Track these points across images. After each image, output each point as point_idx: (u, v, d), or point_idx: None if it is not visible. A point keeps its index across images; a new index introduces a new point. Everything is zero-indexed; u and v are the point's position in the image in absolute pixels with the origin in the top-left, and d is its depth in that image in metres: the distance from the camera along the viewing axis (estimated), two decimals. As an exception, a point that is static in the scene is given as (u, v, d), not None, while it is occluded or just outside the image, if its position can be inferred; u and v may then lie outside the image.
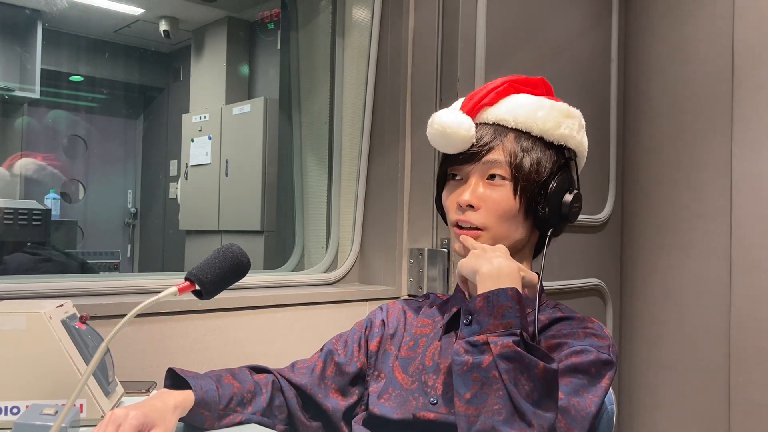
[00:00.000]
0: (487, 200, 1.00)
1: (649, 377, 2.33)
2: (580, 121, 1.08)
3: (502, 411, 0.81)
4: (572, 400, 0.88)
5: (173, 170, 4.62)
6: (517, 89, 1.06)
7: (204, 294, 0.92)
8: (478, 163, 1.02)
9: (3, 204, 2.15)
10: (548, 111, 1.03)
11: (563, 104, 1.06)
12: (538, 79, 1.09)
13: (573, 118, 1.06)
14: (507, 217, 1.01)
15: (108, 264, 4.37)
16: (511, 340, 0.83)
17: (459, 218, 1.02)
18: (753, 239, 2.06)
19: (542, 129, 1.02)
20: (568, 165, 1.05)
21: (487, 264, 0.91)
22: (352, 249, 1.99)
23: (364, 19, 2.02)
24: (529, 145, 1.01)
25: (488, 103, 1.04)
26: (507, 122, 1.02)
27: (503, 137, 1.01)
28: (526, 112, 1.02)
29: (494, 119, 1.03)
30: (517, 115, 1.02)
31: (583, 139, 1.08)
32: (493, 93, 1.04)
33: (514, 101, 1.04)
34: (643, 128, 2.37)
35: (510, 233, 1.02)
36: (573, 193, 1.03)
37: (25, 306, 1.03)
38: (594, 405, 0.89)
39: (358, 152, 2.00)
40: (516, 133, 1.02)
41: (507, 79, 1.07)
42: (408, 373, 1.06)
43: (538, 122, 1.02)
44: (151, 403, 0.92)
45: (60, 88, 4.71)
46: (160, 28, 4.39)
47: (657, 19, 2.34)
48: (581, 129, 1.07)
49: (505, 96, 1.05)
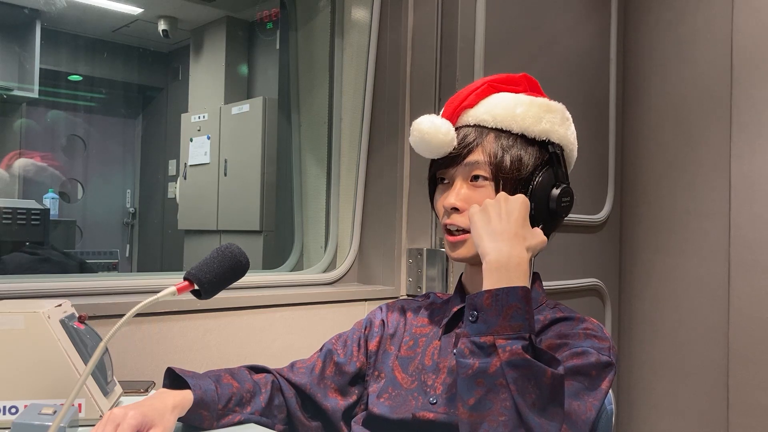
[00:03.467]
0: (471, 201, 1.00)
1: (647, 377, 2.33)
2: (563, 114, 1.06)
3: (508, 423, 0.79)
4: (573, 404, 0.87)
5: (172, 170, 4.61)
6: (497, 88, 1.06)
7: (203, 294, 0.92)
8: (460, 165, 1.02)
9: (1, 204, 2.15)
10: (527, 107, 1.02)
11: (543, 99, 1.05)
12: (521, 76, 1.09)
13: (554, 112, 1.04)
14: None
15: (107, 264, 4.36)
16: (520, 345, 0.81)
17: (446, 221, 1.03)
18: (751, 239, 2.06)
19: (522, 126, 1.01)
20: (553, 160, 1.03)
21: (495, 250, 0.89)
22: (351, 249, 1.99)
23: (363, 19, 2.02)
24: (509, 143, 1.01)
25: (468, 105, 1.04)
26: (486, 122, 1.02)
27: (483, 138, 1.01)
28: (504, 110, 1.02)
29: (474, 121, 1.03)
30: (496, 115, 1.02)
31: (568, 132, 1.06)
32: (472, 95, 1.05)
33: (493, 101, 1.04)
34: (642, 128, 2.37)
35: None
36: (560, 187, 1.02)
37: (23, 306, 1.02)
38: (594, 408, 0.89)
39: (357, 152, 2.00)
40: (496, 133, 1.02)
41: (486, 80, 1.07)
42: (408, 372, 1.06)
43: (517, 119, 1.01)
44: (149, 403, 0.92)
45: (59, 87, 4.70)
46: (159, 27, 4.38)
47: (656, 20, 2.34)
48: (565, 122, 1.06)
49: (485, 97, 1.05)
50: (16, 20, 3.93)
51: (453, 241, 1.02)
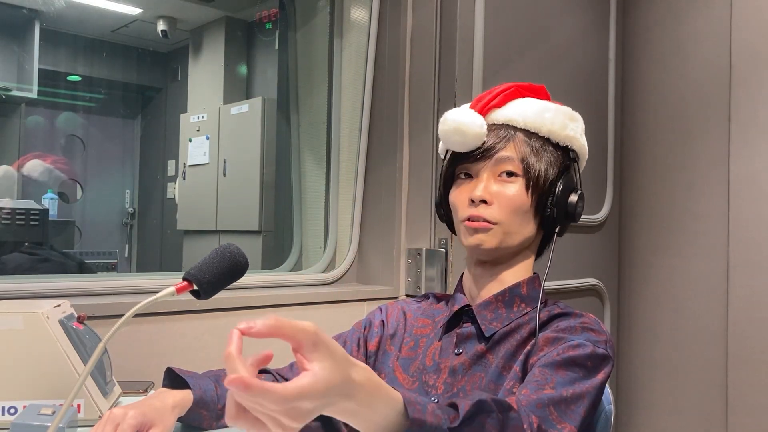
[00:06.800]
0: (500, 196, 1.02)
1: (646, 377, 2.33)
2: (582, 125, 1.12)
3: None
4: (566, 392, 0.88)
5: (171, 170, 4.61)
6: (522, 94, 1.10)
7: (202, 294, 0.92)
8: (490, 160, 1.03)
9: (1, 204, 2.15)
10: (555, 113, 1.07)
11: (567, 108, 1.10)
12: (540, 86, 1.14)
13: (576, 121, 1.10)
14: (519, 212, 1.02)
15: (106, 264, 4.36)
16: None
17: (471, 213, 1.03)
18: (750, 239, 2.06)
19: (550, 130, 1.05)
20: (571, 166, 1.09)
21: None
22: (350, 249, 1.99)
23: (362, 20, 2.02)
24: (539, 144, 1.05)
25: (497, 105, 1.08)
26: (516, 123, 1.05)
27: (514, 136, 1.04)
28: (534, 113, 1.06)
29: (503, 120, 1.06)
30: (526, 116, 1.05)
31: (585, 142, 1.12)
32: (501, 95, 1.08)
33: (521, 103, 1.08)
34: (641, 128, 2.37)
35: (521, 229, 1.03)
36: (578, 193, 1.07)
37: (22, 306, 1.02)
38: (588, 397, 0.89)
39: (356, 152, 2.00)
40: (525, 133, 1.05)
41: (513, 84, 1.11)
42: (409, 373, 1.06)
43: (546, 123, 1.05)
44: (149, 403, 0.92)
45: (58, 87, 4.70)
46: (158, 27, 4.38)
47: (655, 20, 2.34)
48: (583, 132, 1.11)
49: (512, 99, 1.09)
50: (15, 20, 3.93)
51: (477, 227, 1.02)
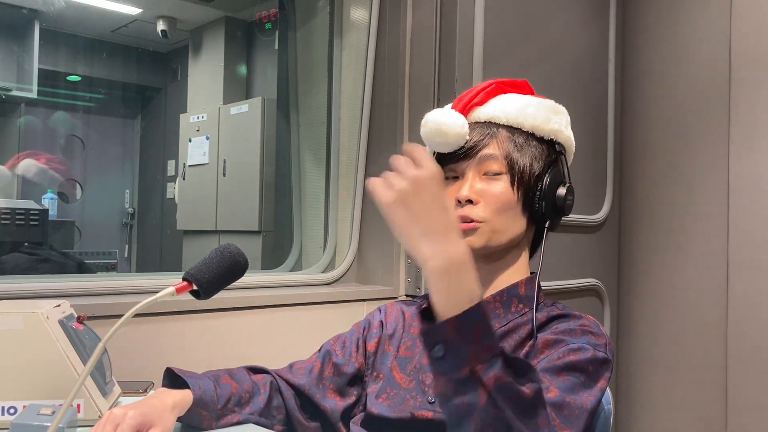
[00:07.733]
0: (486, 194, 1.02)
1: (646, 377, 2.33)
2: (567, 117, 1.11)
3: None
4: (568, 397, 0.87)
5: (171, 170, 4.61)
6: (504, 90, 1.09)
7: (201, 294, 0.92)
8: (473, 159, 1.03)
9: (0, 204, 2.15)
10: (537, 107, 1.06)
11: (550, 101, 1.10)
12: (522, 81, 1.13)
13: (560, 114, 1.09)
14: (505, 209, 1.02)
15: (105, 264, 4.36)
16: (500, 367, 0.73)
17: (458, 214, 1.02)
18: (750, 239, 2.06)
19: (533, 124, 1.05)
20: (558, 160, 1.08)
21: (436, 254, 0.74)
22: (350, 249, 1.99)
23: (362, 20, 2.02)
24: (523, 140, 1.04)
25: (478, 103, 1.07)
26: (498, 119, 1.05)
27: (496, 133, 1.04)
28: (516, 109, 1.05)
29: (485, 117, 1.06)
30: (508, 112, 1.05)
31: (571, 134, 1.11)
32: (482, 93, 1.08)
33: (502, 99, 1.07)
34: (641, 129, 2.37)
35: (509, 226, 1.03)
36: (566, 186, 1.06)
37: (22, 306, 1.02)
38: (590, 403, 0.89)
39: (355, 152, 2.00)
40: (508, 130, 1.05)
41: (494, 81, 1.10)
42: (406, 372, 1.06)
43: (528, 118, 1.05)
44: (149, 403, 0.92)
45: (57, 87, 4.69)
46: (158, 27, 4.38)
47: (654, 20, 2.34)
48: (568, 125, 1.11)
49: (493, 96, 1.08)
50: (15, 20, 3.93)
51: (464, 228, 1.00)
